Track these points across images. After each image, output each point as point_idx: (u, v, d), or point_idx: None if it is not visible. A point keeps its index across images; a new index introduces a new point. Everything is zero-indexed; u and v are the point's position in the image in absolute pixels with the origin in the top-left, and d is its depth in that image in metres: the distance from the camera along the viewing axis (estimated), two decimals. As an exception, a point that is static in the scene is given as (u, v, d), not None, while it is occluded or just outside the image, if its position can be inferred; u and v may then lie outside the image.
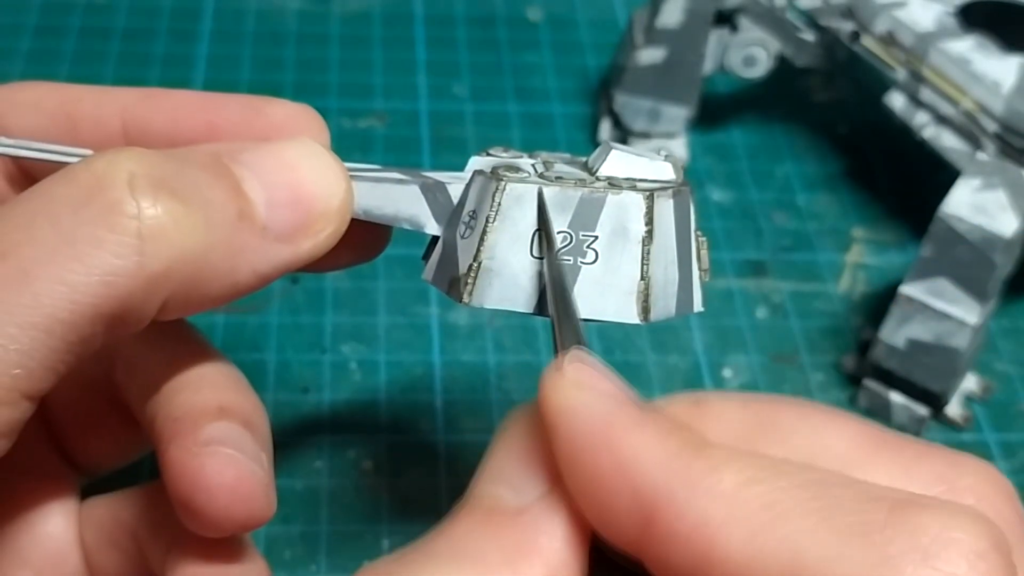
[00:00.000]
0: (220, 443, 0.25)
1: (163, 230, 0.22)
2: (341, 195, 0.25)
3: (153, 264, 0.22)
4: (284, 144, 0.25)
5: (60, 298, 0.21)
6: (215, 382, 0.27)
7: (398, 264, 0.44)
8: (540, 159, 0.27)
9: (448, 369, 0.41)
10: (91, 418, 0.29)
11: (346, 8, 0.57)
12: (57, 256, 0.21)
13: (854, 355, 0.42)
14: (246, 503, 0.25)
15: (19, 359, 0.21)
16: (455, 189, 0.26)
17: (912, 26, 0.44)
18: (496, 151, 0.27)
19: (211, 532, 0.25)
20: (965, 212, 0.37)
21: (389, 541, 0.36)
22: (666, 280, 0.26)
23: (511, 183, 0.25)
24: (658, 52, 0.47)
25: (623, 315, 0.25)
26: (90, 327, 0.22)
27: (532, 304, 0.25)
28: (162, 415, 0.26)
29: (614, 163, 0.26)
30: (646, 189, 0.25)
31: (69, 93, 0.28)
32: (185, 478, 0.25)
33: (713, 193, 0.49)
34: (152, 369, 0.27)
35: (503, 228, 0.25)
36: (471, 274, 0.25)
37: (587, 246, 0.25)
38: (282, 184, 0.24)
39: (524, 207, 0.25)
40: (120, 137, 0.27)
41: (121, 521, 0.28)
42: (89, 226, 0.22)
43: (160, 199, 0.22)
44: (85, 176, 0.22)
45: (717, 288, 0.45)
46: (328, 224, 0.25)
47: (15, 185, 0.29)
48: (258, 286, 0.24)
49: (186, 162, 0.24)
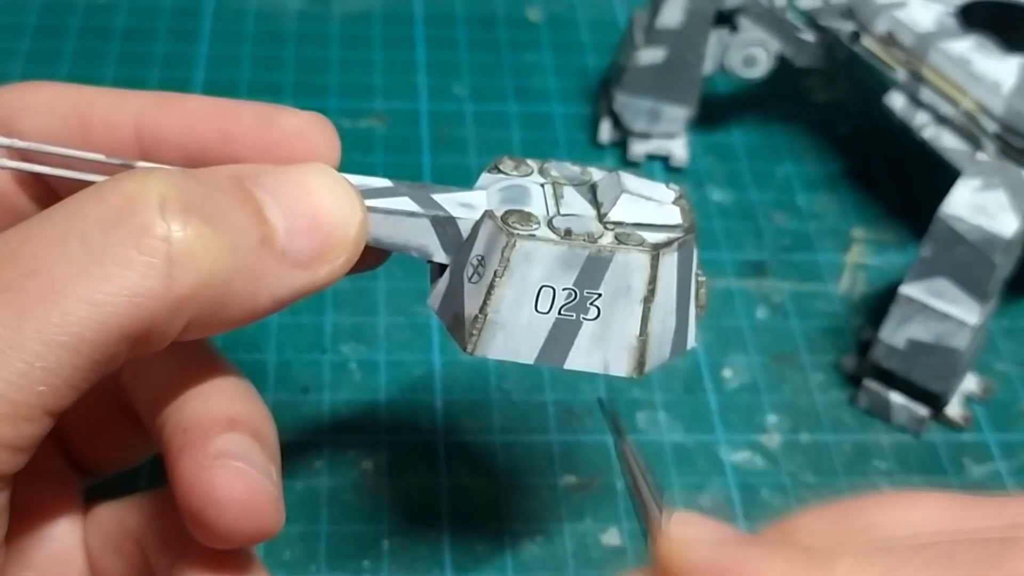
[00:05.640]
0: (231, 456, 0.25)
1: (192, 254, 0.22)
2: (357, 225, 0.25)
3: (180, 287, 0.22)
4: (303, 170, 0.25)
5: (88, 317, 0.21)
6: (225, 392, 0.27)
7: (398, 264, 0.44)
8: (550, 179, 0.27)
9: (448, 369, 0.41)
10: (97, 421, 0.29)
11: (346, 8, 0.57)
12: (86, 276, 0.21)
13: (854, 355, 0.42)
14: (256, 517, 0.25)
15: (44, 377, 0.21)
16: (465, 225, 0.26)
17: (912, 26, 0.44)
18: (506, 165, 0.28)
19: (220, 544, 0.25)
20: (965, 212, 0.37)
21: (389, 541, 0.36)
22: (663, 330, 0.27)
23: (520, 240, 0.25)
24: (658, 52, 0.47)
25: (617, 369, 0.26)
26: (115, 347, 0.22)
27: (533, 356, 0.26)
28: (171, 424, 0.26)
29: (624, 207, 0.26)
30: (652, 245, 0.26)
31: (82, 95, 0.28)
32: (195, 491, 0.25)
33: (713, 193, 0.49)
34: (161, 376, 0.27)
35: (510, 283, 0.25)
36: (477, 325, 0.26)
37: (590, 303, 0.26)
38: (302, 212, 0.24)
39: (532, 264, 0.25)
40: (133, 142, 0.27)
41: (126, 527, 0.28)
42: (119, 247, 0.22)
43: (190, 223, 0.22)
44: (116, 197, 0.22)
45: (717, 288, 0.45)
46: (344, 252, 0.25)
47: (26, 187, 0.29)
48: (273, 311, 0.24)
49: (212, 186, 0.24)
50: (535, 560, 0.36)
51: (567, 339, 0.26)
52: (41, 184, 0.29)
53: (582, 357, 0.26)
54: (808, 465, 0.39)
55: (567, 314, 0.26)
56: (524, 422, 0.40)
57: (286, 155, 0.26)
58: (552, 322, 0.26)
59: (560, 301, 0.26)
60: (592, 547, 0.37)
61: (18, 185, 0.29)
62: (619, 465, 0.24)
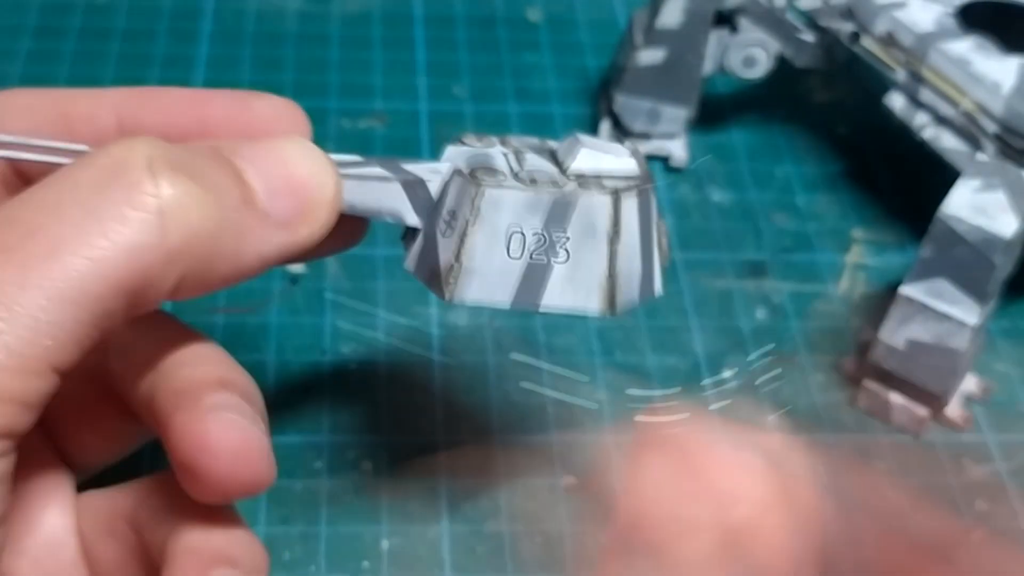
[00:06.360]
0: (224, 408, 0.26)
1: (181, 208, 0.23)
2: (332, 186, 0.27)
3: (172, 240, 0.23)
4: (277, 140, 0.27)
5: (88, 271, 0.22)
6: (212, 359, 0.28)
7: (398, 264, 0.44)
8: (511, 148, 0.29)
9: (448, 369, 0.41)
10: (84, 411, 0.30)
11: (346, 8, 0.57)
12: (84, 233, 0.23)
13: (854, 356, 0.42)
14: (249, 466, 0.26)
15: (50, 330, 0.22)
16: (434, 186, 0.28)
17: (912, 27, 0.44)
18: (470, 139, 0.30)
19: (213, 497, 0.26)
20: (965, 213, 0.37)
21: (389, 541, 0.36)
22: (630, 272, 0.28)
23: (488, 188, 0.27)
24: (658, 53, 0.47)
25: (588, 307, 0.28)
26: (114, 301, 0.23)
27: (509, 299, 0.28)
28: (163, 390, 0.27)
29: (583, 159, 0.28)
30: (612, 189, 0.27)
31: (62, 95, 0.30)
32: (190, 441, 0.26)
33: (713, 193, 0.49)
34: (148, 351, 0.28)
35: (481, 231, 0.27)
36: (453, 273, 0.27)
37: (560, 246, 0.27)
38: (279, 176, 0.26)
39: (501, 211, 0.27)
40: (115, 133, 0.29)
41: (119, 510, 0.29)
42: (113, 205, 0.23)
43: (178, 180, 0.24)
44: (105, 160, 0.24)
45: (717, 288, 0.45)
46: (322, 212, 0.26)
47: (10, 188, 0.29)
48: (260, 269, 0.26)
49: (193, 152, 0.25)
50: (535, 560, 0.36)
51: (540, 281, 0.28)
52: (23, 182, 0.29)
53: (556, 298, 0.28)
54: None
55: (538, 257, 0.27)
56: (524, 422, 0.40)
57: (261, 137, 0.28)
58: (524, 266, 0.27)
59: (531, 245, 0.27)
60: (592, 547, 0.37)
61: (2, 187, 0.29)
62: None
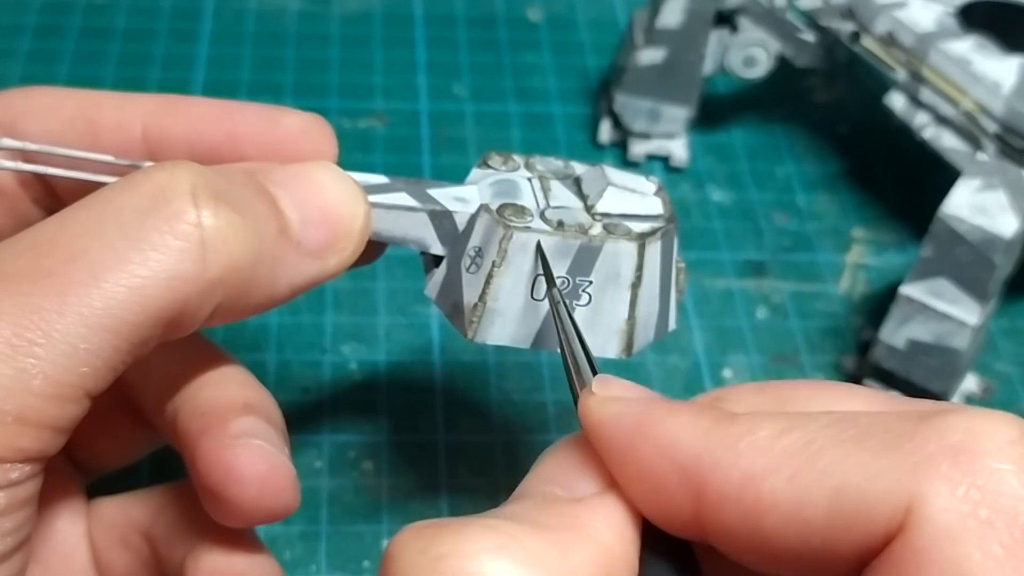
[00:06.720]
0: (251, 435, 0.26)
1: (223, 239, 0.23)
2: (363, 216, 0.26)
3: (213, 270, 0.23)
4: (311, 167, 0.26)
5: (128, 300, 0.22)
6: (236, 379, 0.28)
7: (398, 264, 0.44)
8: (536, 173, 0.29)
9: (448, 369, 0.41)
10: (98, 417, 0.30)
11: (346, 8, 0.57)
12: (125, 261, 0.22)
13: (854, 356, 0.42)
14: (276, 493, 0.26)
15: (87, 358, 0.22)
16: (460, 219, 0.28)
17: (912, 26, 0.44)
18: (495, 161, 0.30)
19: (238, 522, 0.26)
20: (965, 212, 0.37)
21: (389, 541, 0.36)
22: (648, 313, 0.28)
23: (517, 232, 0.27)
24: (658, 52, 0.47)
25: (607, 351, 0.28)
26: (151, 330, 0.23)
27: (530, 341, 0.28)
28: (187, 410, 0.27)
29: (610, 200, 0.28)
30: (638, 234, 0.27)
31: (87, 98, 0.29)
32: (218, 468, 0.26)
33: (713, 193, 0.49)
34: (170, 369, 0.28)
35: (507, 273, 0.27)
36: (476, 312, 0.27)
37: (582, 290, 0.27)
38: (312, 205, 0.26)
39: (527, 254, 0.27)
40: (140, 143, 0.28)
41: (133, 520, 0.29)
42: (155, 233, 0.23)
43: (220, 210, 0.23)
44: (149, 186, 0.23)
45: (717, 288, 0.45)
46: (351, 243, 0.26)
47: (28, 189, 0.29)
48: (289, 298, 0.26)
49: (231, 178, 0.25)
50: (535, 560, 0.36)
51: None
52: (42, 185, 0.29)
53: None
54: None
55: None
56: (524, 422, 0.40)
57: (289, 153, 0.28)
58: (547, 309, 0.27)
59: None
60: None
61: (20, 187, 0.29)
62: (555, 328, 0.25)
